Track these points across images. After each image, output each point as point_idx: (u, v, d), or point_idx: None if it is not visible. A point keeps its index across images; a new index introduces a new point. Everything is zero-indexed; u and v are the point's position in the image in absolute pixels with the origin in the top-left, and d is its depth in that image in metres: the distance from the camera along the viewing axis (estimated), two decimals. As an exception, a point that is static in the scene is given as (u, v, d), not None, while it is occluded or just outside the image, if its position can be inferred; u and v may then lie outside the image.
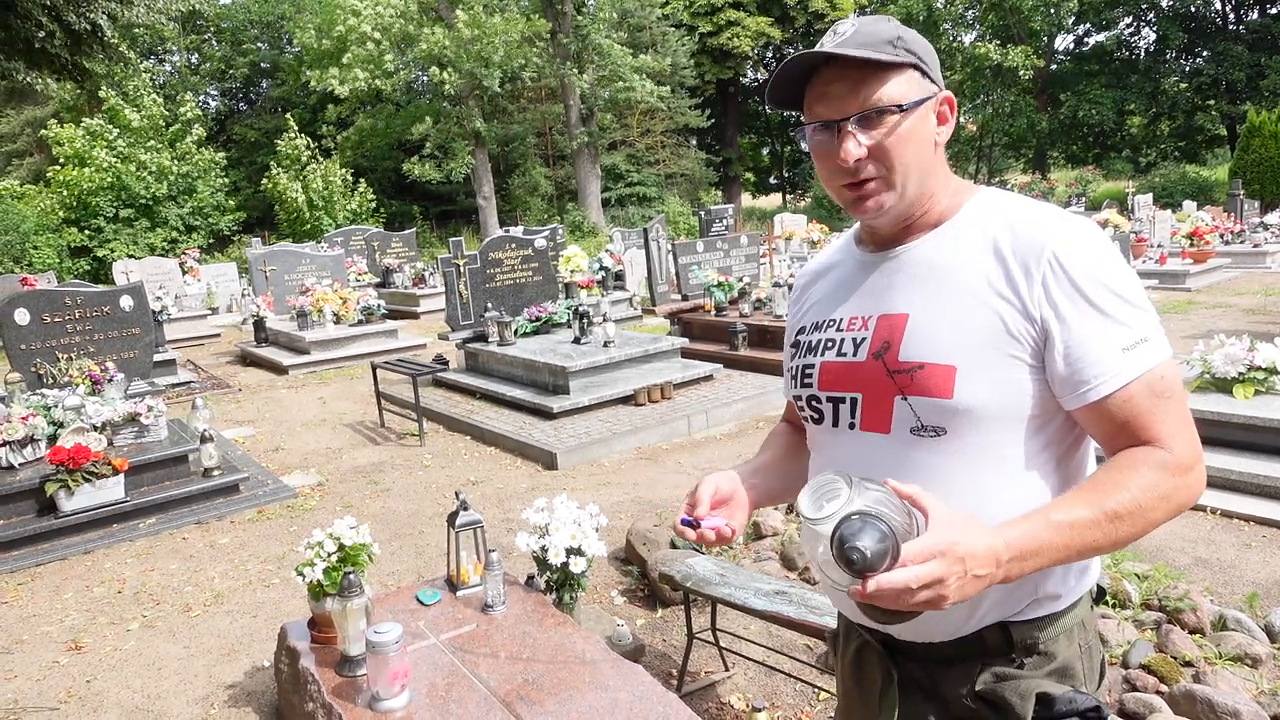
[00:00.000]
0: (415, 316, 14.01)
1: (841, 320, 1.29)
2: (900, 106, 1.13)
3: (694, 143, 33.65)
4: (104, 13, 11.39)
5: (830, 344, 1.29)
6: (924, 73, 1.17)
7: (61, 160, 21.84)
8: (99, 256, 21.27)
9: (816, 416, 1.31)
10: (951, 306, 1.16)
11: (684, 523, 1.25)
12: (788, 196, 40.73)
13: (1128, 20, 31.15)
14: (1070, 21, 29.24)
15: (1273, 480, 4.18)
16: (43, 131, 23.28)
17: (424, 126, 24.24)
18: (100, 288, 7.45)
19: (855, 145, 1.14)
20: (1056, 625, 1.21)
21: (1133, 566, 3.45)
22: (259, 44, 32.48)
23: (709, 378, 7.46)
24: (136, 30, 22.98)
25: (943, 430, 1.15)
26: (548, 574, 3.05)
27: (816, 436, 1.34)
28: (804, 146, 1.24)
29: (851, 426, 1.25)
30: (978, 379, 1.13)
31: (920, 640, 1.24)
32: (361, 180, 26.11)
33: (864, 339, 1.24)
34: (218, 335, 13.32)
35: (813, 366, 1.31)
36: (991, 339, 1.13)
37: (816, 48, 1.15)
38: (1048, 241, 1.12)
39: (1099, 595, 1.31)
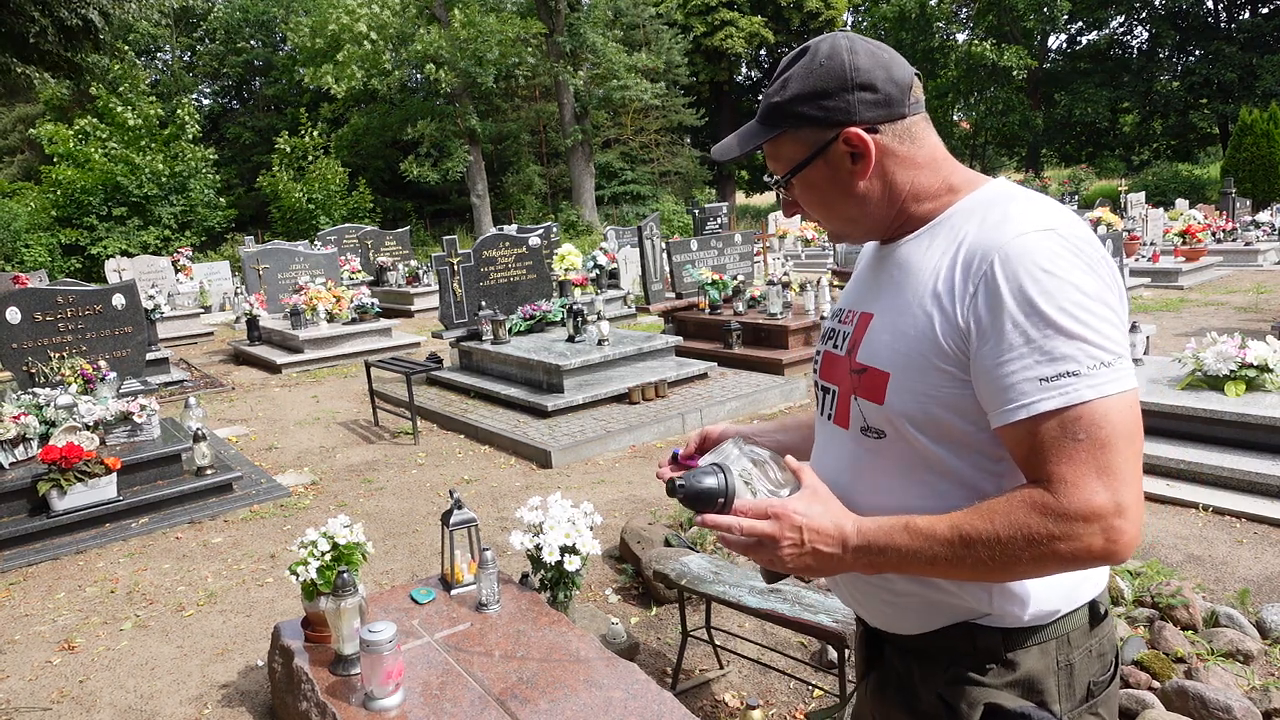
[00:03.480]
0: (409, 315, 13.98)
1: (844, 312, 1.32)
2: (780, 179, 1.25)
3: (688, 141, 33.64)
4: (96, 9, 11.33)
5: (831, 334, 1.32)
6: (818, 119, 1.16)
7: (55, 158, 21.73)
8: (91, 255, 21.16)
9: (817, 404, 1.37)
10: (900, 311, 1.16)
11: (671, 458, 1.36)
12: (781, 195, 40.75)
13: (1120, 19, 31.26)
14: (1063, 20, 29.31)
15: (1264, 477, 4.20)
16: (31, 130, 23.16)
17: (422, 125, 24.18)
18: (92, 286, 7.41)
19: (789, 204, 1.30)
20: (1027, 638, 1.15)
21: (1125, 563, 3.47)
22: (252, 42, 32.36)
23: (703, 376, 7.46)
24: (131, 32, 22.88)
25: (882, 434, 1.17)
26: (542, 572, 3.05)
27: (816, 423, 1.40)
28: None
29: (829, 418, 1.29)
30: (905, 388, 1.12)
31: (888, 629, 1.27)
32: (360, 179, 26.05)
33: (848, 334, 1.26)
34: (210, 334, 13.27)
35: (820, 354, 1.36)
36: (922, 348, 1.11)
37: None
38: (991, 251, 1.06)
39: (1103, 613, 1.24)
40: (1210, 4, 29.59)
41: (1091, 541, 0.98)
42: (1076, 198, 22.34)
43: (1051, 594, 1.15)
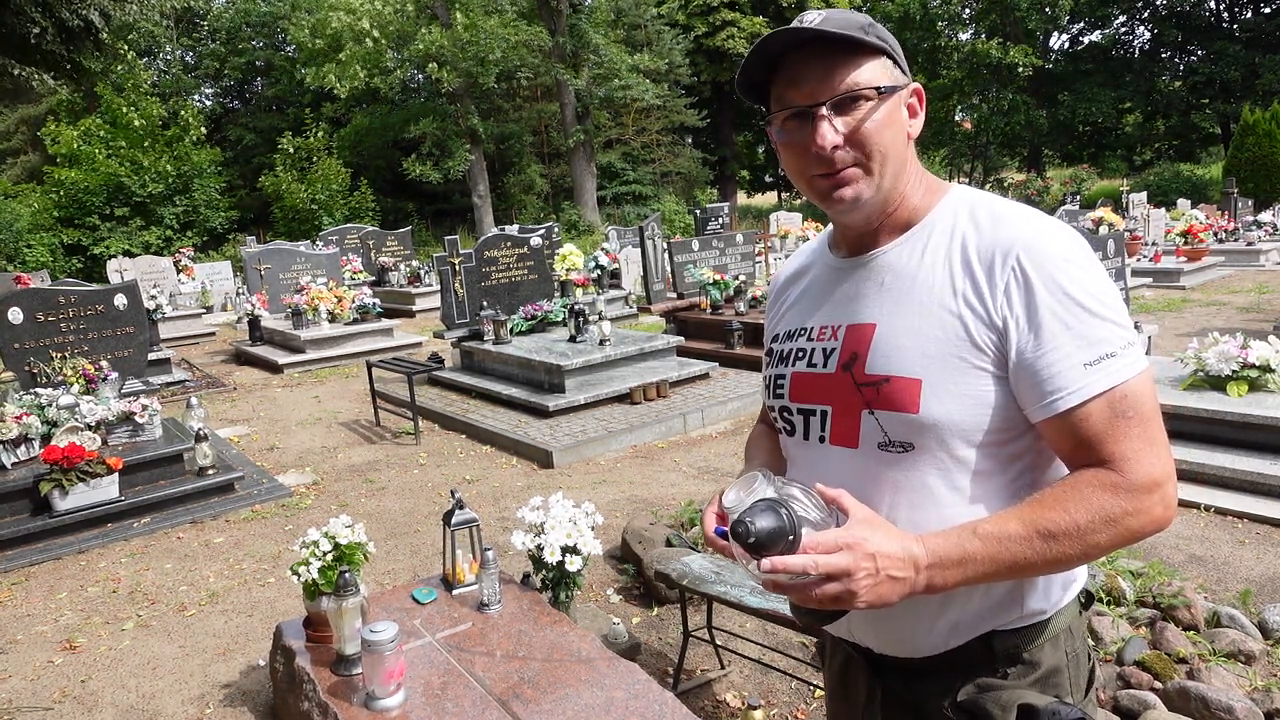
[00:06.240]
0: (411, 315, 13.98)
1: (812, 329, 1.26)
2: (878, 89, 1.10)
3: (689, 141, 33.64)
4: (97, 10, 11.35)
5: (801, 354, 1.26)
6: (895, 61, 1.14)
7: (58, 159, 21.75)
8: (93, 255, 21.18)
9: (789, 428, 1.28)
10: (917, 316, 1.12)
11: (718, 533, 1.12)
12: (783, 195, 40.82)
13: (1122, 19, 31.24)
14: (1065, 20, 29.30)
15: (1266, 477, 4.20)
16: (40, 132, 23.18)
17: (424, 124, 24.21)
18: (94, 286, 7.41)
19: (831, 131, 1.09)
20: (1041, 633, 1.17)
21: (1127, 564, 3.46)
22: (254, 42, 32.39)
23: (705, 376, 7.46)
24: (131, 32, 22.89)
25: (910, 445, 1.12)
26: (543, 572, 3.05)
27: (789, 449, 1.31)
28: (773, 139, 1.18)
29: (822, 440, 1.21)
30: (943, 392, 1.09)
31: (903, 655, 1.21)
32: (362, 179, 26.08)
33: (834, 350, 1.20)
34: (212, 334, 13.28)
35: (784, 377, 1.28)
36: (955, 349, 1.09)
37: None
38: (1013, 246, 1.07)
39: (1088, 601, 1.26)
40: (1212, 3, 29.58)
41: (1154, 511, 1.03)
42: (1078, 197, 22.33)
43: (1067, 587, 1.19)
